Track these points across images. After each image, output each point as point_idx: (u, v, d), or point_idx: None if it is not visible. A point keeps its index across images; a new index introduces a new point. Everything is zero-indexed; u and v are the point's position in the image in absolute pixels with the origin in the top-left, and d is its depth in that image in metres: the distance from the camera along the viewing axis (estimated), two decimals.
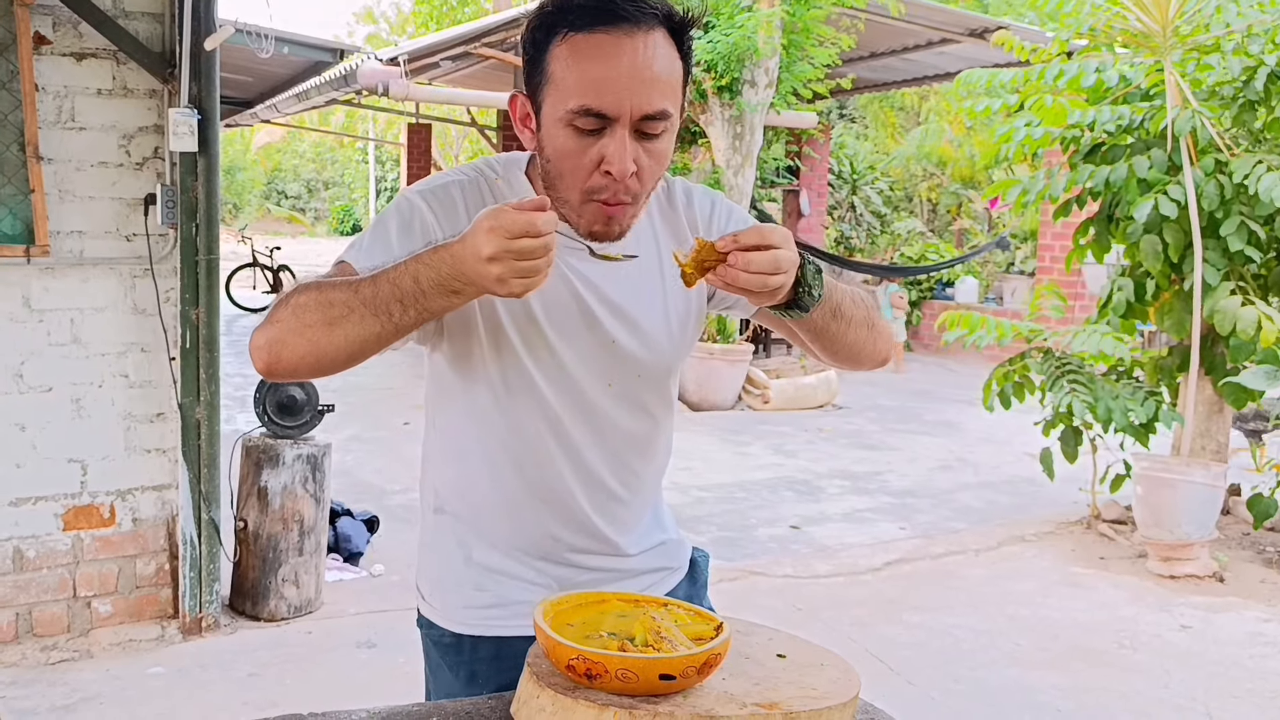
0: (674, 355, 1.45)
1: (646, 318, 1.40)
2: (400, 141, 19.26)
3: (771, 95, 8.64)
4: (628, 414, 1.43)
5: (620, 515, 1.46)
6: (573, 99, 1.22)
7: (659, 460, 1.52)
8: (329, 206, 37.34)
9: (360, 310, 1.17)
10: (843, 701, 1.15)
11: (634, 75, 1.21)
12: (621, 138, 1.22)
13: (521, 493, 1.42)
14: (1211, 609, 4.39)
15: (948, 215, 16.50)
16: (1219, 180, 4.67)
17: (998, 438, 7.56)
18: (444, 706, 1.27)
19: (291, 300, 1.22)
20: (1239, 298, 4.62)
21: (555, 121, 1.25)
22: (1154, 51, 5.01)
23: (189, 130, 3.50)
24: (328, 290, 1.20)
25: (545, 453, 1.40)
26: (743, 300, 1.41)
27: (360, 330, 1.18)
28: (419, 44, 9.91)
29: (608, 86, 1.21)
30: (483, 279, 1.12)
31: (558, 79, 1.23)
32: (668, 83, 1.24)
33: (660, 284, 1.42)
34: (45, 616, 3.61)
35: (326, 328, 1.19)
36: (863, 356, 1.43)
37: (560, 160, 1.25)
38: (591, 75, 1.21)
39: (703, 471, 6.60)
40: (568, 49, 1.23)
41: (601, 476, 1.43)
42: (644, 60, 1.22)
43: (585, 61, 1.22)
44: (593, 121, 1.22)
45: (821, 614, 4.26)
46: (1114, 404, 4.80)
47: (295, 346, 1.21)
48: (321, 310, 1.19)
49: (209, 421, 3.72)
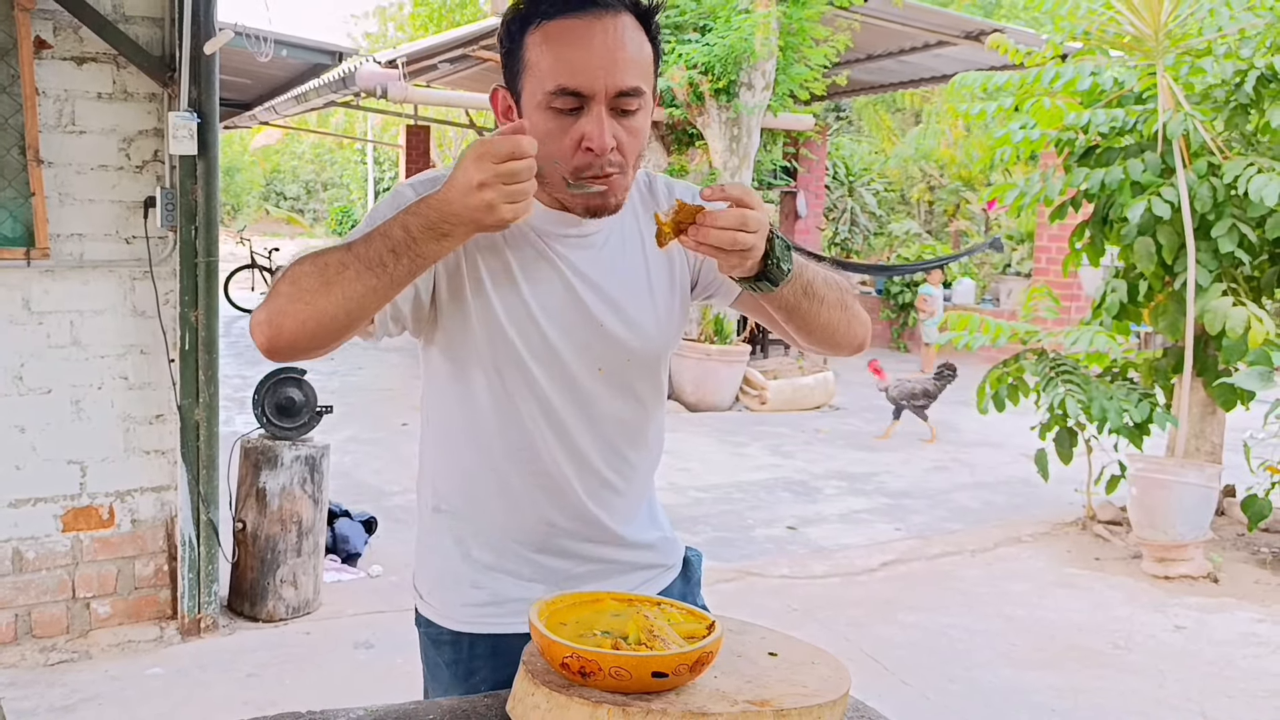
0: (661, 341, 1.48)
1: (633, 304, 1.44)
2: (399, 143, 19.28)
3: (769, 98, 8.66)
4: (619, 400, 1.46)
5: (615, 504, 1.49)
6: (549, 81, 1.28)
7: (651, 451, 1.55)
8: (328, 208, 37.28)
9: (355, 266, 1.20)
10: (833, 699, 1.17)
11: (606, 55, 1.27)
12: (599, 115, 1.28)
13: (517, 480, 1.44)
14: (1206, 609, 4.42)
15: (944, 217, 16.53)
16: (1211, 182, 4.70)
17: (994, 439, 7.59)
18: (439, 704, 1.29)
19: (289, 273, 1.24)
20: (1230, 298, 4.64)
21: (535, 106, 1.30)
22: (1147, 55, 5.03)
23: (188, 133, 3.52)
24: (323, 255, 1.23)
25: (539, 437, 1.42)
26: (725, 285, 1.47)
27: (356, 286, 1.20)
28: (417, 46, 9.93)
29: (582, 66, 1.27)
30: (473, 210, 1.16)
31: (534, 65, 1.30)
32: (639, 62, 1.30)
33: (645, 272, 1.46)
34: (44, 617, 3.62)
35: (324, 289, 1.20)
36: (839, 339, 1.45)
37: (544, 143, 1.28)
38: (566, 57, 1.27)
39: (700, 472, 6.61)
40: (541, 36, 1.29)
41: (595, 463, 1.46)
42: (615, 41, 1.28)
43: (559, 45, 1.28)
44: (570, 101, 1.28)
45: (818, 614, 4.28)
46: (1108, 404, 4.83)
47: (295, 314, 1.22)
48: (318, 274, 1.21)
49: (208, 423, 3.74)
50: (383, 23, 24.77)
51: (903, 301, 12.56)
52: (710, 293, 1.53)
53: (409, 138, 16.41)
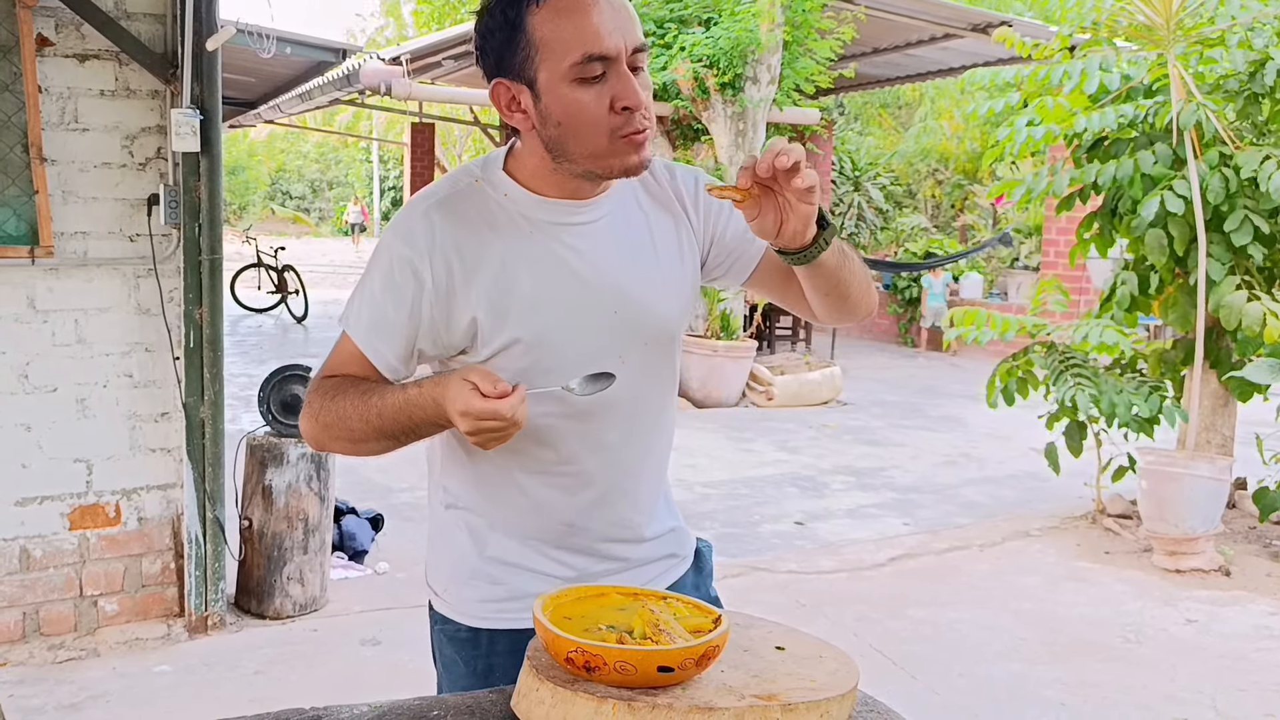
0: (676, 320, 1.48)
1: (643, 285, 1.43)
2: (404, 141, 19.28)
3: (774, 92, 8.63)
4: (641, 385, 1.44)
5: (635, 493, 1.48)
6: (575, 52, 1.27)
7: (667, 435, 1.55)
8: (333, 206, 37.38)
9: (375, 436, 1.35)
10: (841, 693, 1.15)
11: (616, 15, 1.28)
12: (626, 74, 1.29)
13: (534, 482, 1.43)
14: (1217, 603, 4.39)
15: (952, 211, 16.48)
16: (1224, 174, 4.66)
17: (1002, 433, 7.56)
18: (445, 700, 1.28)
19: (319, 413, 1.37)
20: (1244, 293, 4.60)
21: (560, 81, 1.29)
22: (1157, 45, 5.00)
23: (191, 131, 3.51)
24: (345, 409, 1.35)
25: (561, 436, 1.41)
26: (739, 263, 1.50)
27: (378, 448, 1.37)
28: (421, 43, 9.93)
29: (601, 29, 1.27)
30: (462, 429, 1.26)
31: (549, 41, 1.28)
32: (637, 16, 1.33)
33: (653, 252, 1.45)
34: (52, 616, 3.62)
35: (351, 444, 1.38)
36: (868, 299, 1.49)
37: (576, 116, 1.29)
38: (585, 25, 1.27)
39: (707, 468, 6.60)
40: (550, 11, 1.28)
41: (618, 454, 1.45)
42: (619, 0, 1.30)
43: (574, 15, 1.27)
44: (596, 67, 1.27)
45: (825, 609, 4.26)
46: (1118, 398, 4.80)
47: (333, 449, 1.42)
48: (344, 432, 1.36)
49: (213, 421, 3.73)
50: (399, 23, 24.75)
51: (910, 297, 12.51)
52: (721, 272, 1.52)
53: (414, 135, 16.43)
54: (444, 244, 1.35)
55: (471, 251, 1.35)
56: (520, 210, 1.38)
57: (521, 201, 1.38)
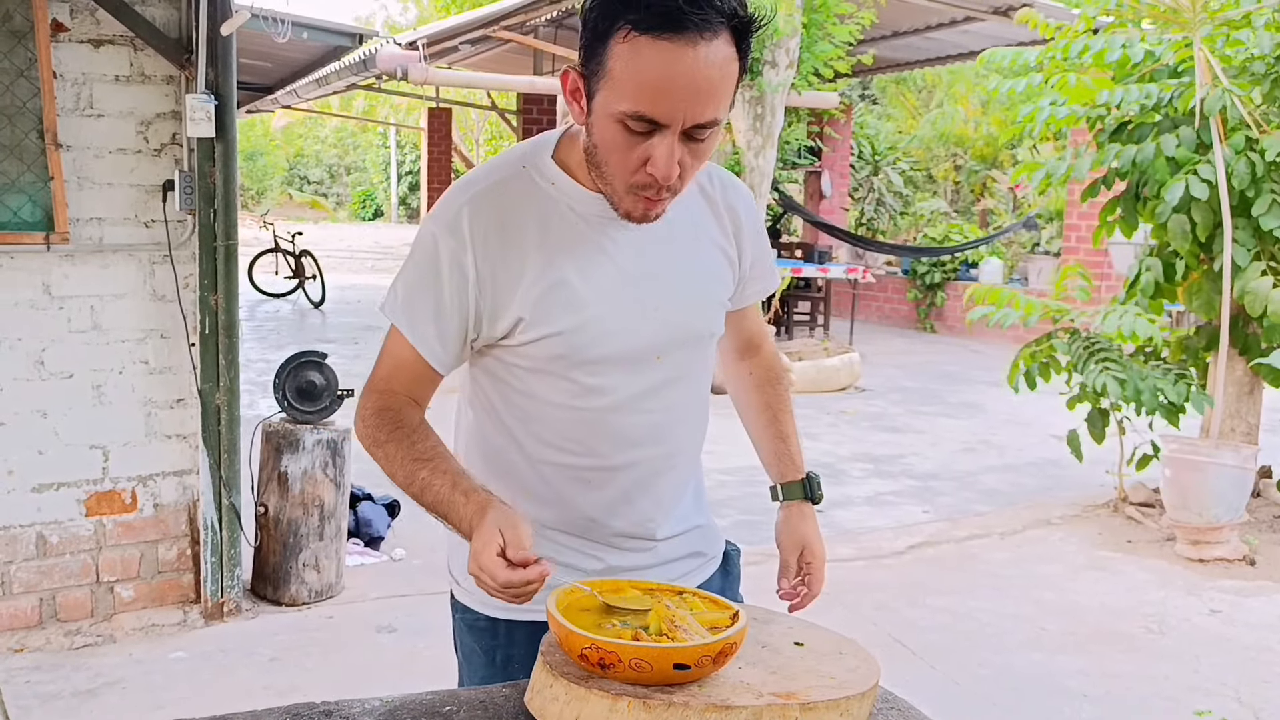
0: (715, 321, 1.48)
1: (686, 285, 1.42)
2: (421, 126, 19.27)
3: (792, 76, 8.55)
4: (676, 384, 1.44)
5: (660, 491, 1.46)
6: (626, 101, 1.20)
7: (699, 433, 1.54)
8: (351, 191, 37.46)
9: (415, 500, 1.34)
10: (861, 691, 1.12)
11: (690, 87, 1.19)
12: (670, 143, 1.22)
13: (565, 474, 1.42)
14: (1241, 593, 4.34)
15: (971, 195, 16.34)
16: (1249, 158, 4.58)
17: (1022, 419, 7.50)
18: (458, 694, 1.26)
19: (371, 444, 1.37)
20: (1270, 279, 4.53)
21: (607, 116, 1.23)
22: (1182, 27, 4.91)
23: (206, 116, 3.49)
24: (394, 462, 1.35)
25: (591, 432, 1.40)
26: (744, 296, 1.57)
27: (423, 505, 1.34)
28: (438, 27, 9.88)
29: (664, 96, 1.19)
30: None
31: (615, 76, 1.20)
32: (723, 92, 1.22)
33: (696, 252, 1.44)
34: (69, 601, 3.63)
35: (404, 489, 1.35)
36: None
37: (607, 152, 1.26)
38: (648, 81, 1.18)
39: (725, 455, 6.52)
40: (629, 49, 1.18)
41: (647, 450, 1.43)
42: (703, 72, 1.19)
43: (646, 68, 1.18)
44: (644, 125, 1.21)
45: (844, 598, 4.23)
46: (1144, 384, 4.73)
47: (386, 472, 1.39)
48: (390, 475, 1.36)
49: (229, 407, 3.73)
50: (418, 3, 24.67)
51: (929, 282, 12.41)
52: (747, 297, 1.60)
53: (431, 120, 16.41)
54: (488, 235, 1.33)
55: (515, 244, 1.33)
56: (568, 201, 1.35)
57: (570, 193, 1.35)
